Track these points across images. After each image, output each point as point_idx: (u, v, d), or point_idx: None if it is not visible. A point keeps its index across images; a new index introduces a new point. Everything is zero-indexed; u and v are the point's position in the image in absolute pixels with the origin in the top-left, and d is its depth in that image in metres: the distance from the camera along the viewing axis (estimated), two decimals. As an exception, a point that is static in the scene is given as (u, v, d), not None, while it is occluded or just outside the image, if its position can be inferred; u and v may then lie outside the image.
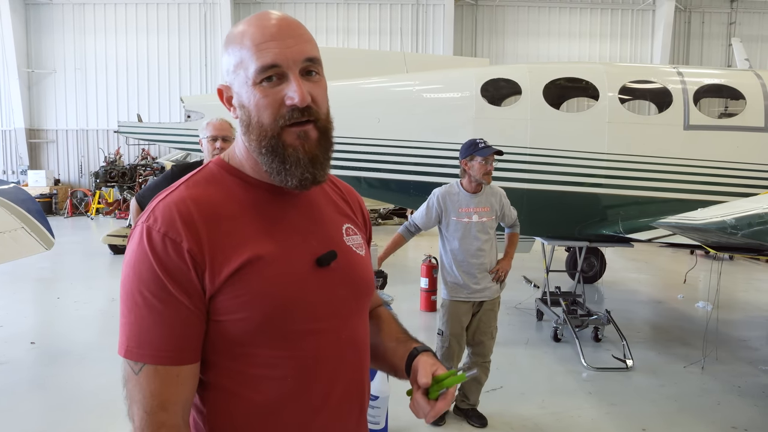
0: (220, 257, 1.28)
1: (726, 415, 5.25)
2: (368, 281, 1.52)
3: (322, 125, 1.36)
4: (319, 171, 1.36)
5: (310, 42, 1.36)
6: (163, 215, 1.28)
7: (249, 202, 1.37)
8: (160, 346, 1.25)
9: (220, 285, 1.27)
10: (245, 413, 1.35)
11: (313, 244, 1.40)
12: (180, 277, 1.25)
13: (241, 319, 1.29)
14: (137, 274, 1.25)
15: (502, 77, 7.57)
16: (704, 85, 7.54)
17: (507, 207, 5.03)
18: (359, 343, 1.49)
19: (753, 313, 8.96)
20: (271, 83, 1.30)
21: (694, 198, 7.05)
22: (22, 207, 5.05)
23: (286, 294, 1.33)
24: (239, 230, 1.32)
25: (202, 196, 1.33)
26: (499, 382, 5.73)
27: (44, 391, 5.63)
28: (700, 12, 23.47)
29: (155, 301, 1.24)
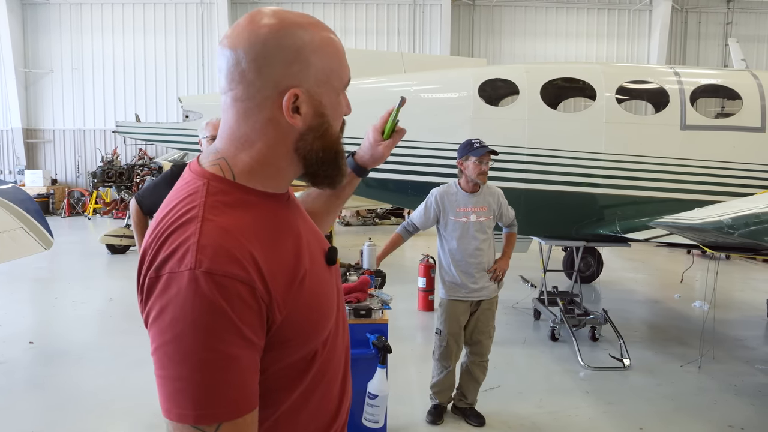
0: (280, 288, 1.20)
1: (723, 414, 5.27)
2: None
3: None
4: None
5: None
6: (219, 256, 1.12)
7: (271, 217, 1.28)
8: (238, 398, 1.12)
9: (284, 316, 1.21)
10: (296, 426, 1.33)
11: (317, 245, 1.41)
12: (252, 318, 1.13)
13: (298, 344, 1.26)
14: (203, 329, 1.08)
15: (500, 77, 7.59)
16: (701, 85, 7.56)
17: (505, 207, 5.04)
18: (346, 330, 1.51)
19: (749, 312, 8.98)
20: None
21: (691, 198, 7.08)
22: (21, 207, 5.06)
23: (323, 300, 1.34)
24: (281, 250, 1.25)
25: (239, 224, 1.19)
26: (496, 382, 5.75)
27: (42, 390, 5.63)
28: (696, 12, 23.53)
29: (230, 353, 1.10)
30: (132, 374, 5.99)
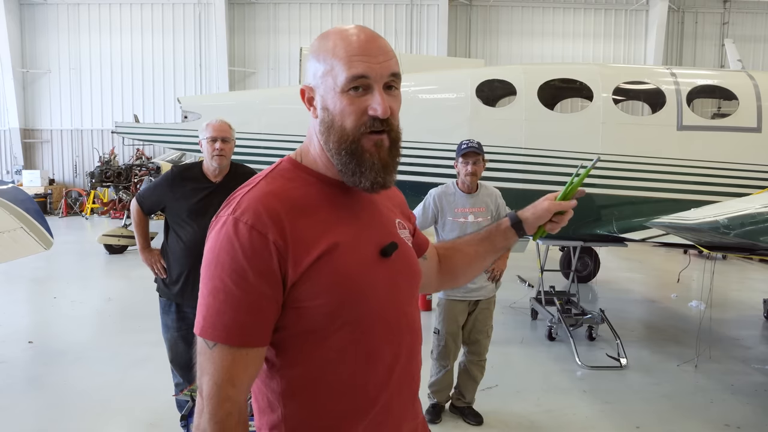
0: (301, 248, 1.38)
1: (719, 412, 5.29)
2: (418, 271, 1.66)
3: (394, 136, 1.48)
4: (389, 177, 1.49)
5: (394, 59, 1.47)
6: (251, 208, 1.38)
7: (322, 197, 1.49)
8: (233, 328, 1.35)
9: (301, 273, 1.37)
10: (317, 394, 1.45)
11: (376, 237, 1.53)
12: (262, 266, 1.34)
13: (319, 305, 1.40)
14: (221, 262, 1.36)
15: (497, 78, 7.62)
16: (697, 85, 7.60)
17: (503, 207, 5.07)
18: (414, 330, 1.61)
19: (746, 312, 9.02)
20: (358, 93, 1.41)
21: (688, 198, 7.11)
22: (21, 207, 5.06)
23: (357, 281, 1.44)
24: (317, 223, 1.43)
25: (283, 191, 1.44)
26: (494, 381, 5.76)
27: (41, 390, 5.64)
28: (693, 12, 23.57)
29: (235, 288, 1.34)
30: (130, 373, 6.01)
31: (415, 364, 1.62)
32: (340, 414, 1.46)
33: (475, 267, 1.95)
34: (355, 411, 1.47)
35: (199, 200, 3.96)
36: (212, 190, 4.00)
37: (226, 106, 8.91)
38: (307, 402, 1.46)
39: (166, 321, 4.18)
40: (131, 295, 9.51)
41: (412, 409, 1.64)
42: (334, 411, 1.46)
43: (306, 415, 1.46)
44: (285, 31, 23.30)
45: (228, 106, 8.73)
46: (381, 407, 1.50)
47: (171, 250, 4.07)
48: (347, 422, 1.47)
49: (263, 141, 7.50)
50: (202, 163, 4.09)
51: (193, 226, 3.95)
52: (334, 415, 1.46)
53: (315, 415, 1.46)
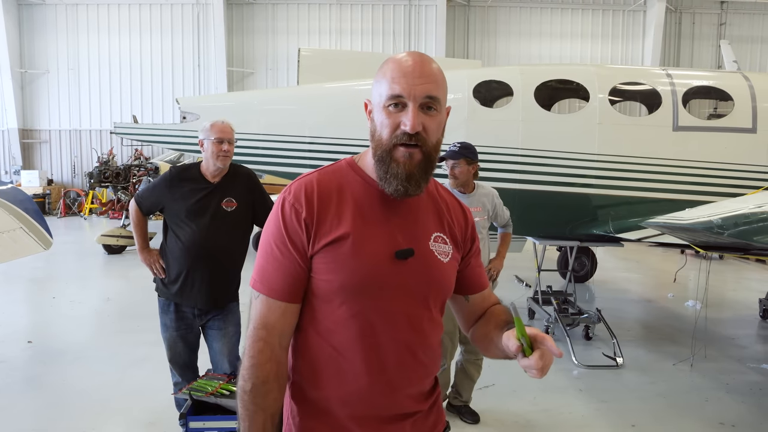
0: (324, 229, 1.66)
1: (714, 411, 5.33)
2: (441, 283, 1.80)
3: (427, 151, 1.66)
4: (413, 186, 1.66)
5: (436, 83, 1.65)
6: (295, 191, 1.70)
7: (359, 194, 1.73)
8: (273, 284, 1.68)
9: (318, 249, 1.65)
10: (318, 354, 1.71)
11: (398, 240, 1.71)
12: (295, 237, 1.66)
13: (326, 280, 1.66)
14: (271, 229, 1.70)
15: (494, 79, 7.64)
16: (693, 86, 7.63)
17: (500, 207, 5.10)
18: (418, 330, 1.75)
19: (742, 311, 9.06)
20: (396, 109, 1.63)
21: (683, 198, 7.15)
22: (20, 207, 5.08)
23: (362, 270, 1.65)
24: (343, 213, 1.68)
25: (325, 181, 1.72)
26: (491, 380, 5.80)
27: (40, 390, 5.66)
28: (690, 13, 23.63)
29: (277, 252, 1.68)
30: (129, 373, 6.04)
31: (416, 362, 1.75)
32: (329, 380, 1.70)
33: (485, 346, 1.94)
34: (343, 382, 1.69)
35: (197, 201, 3.98)
36: (210, 190, 4.02)
37: (225, 106, 8.93)
38: (307, 361, 1.73)
39: (164, 321, 4.20)
40: (130, 295, 9.53)
41: (411, 397, 1.77)
42: (324, 376, 1.70)
43: (305, 371, 1.73)
44: (283, 32, 23.31)
45: (226, 107, 8.76)
46: (369, 388, 1.69)
47: (170, 250, 4.10)
48: (334, 391, 1.70)
49: (261, 141, 7.52)
50: (200, 164, 4.11)
51: (192, 226, 3.97)
52: (324, 379, 1.70)
53: (310, 374, 1.72)
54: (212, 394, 3.76)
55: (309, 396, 1.73)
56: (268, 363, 1.66)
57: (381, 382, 1.69)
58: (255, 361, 1.66)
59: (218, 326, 4.17)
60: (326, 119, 7.45)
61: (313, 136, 7.38)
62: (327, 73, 8.22)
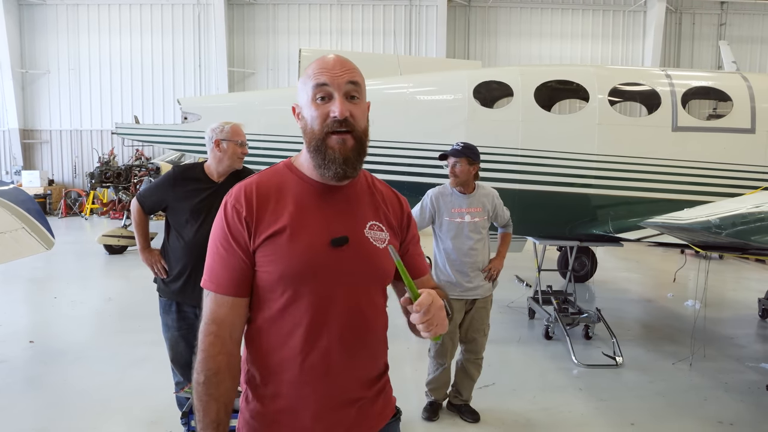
0: (263, 224, 1.79)
1: (712, 410, 5.35)
2: (378, 268, 1.89)
3: (358, 135, 1.80)
4: (350, 169, 1.80)
5: (355, 72, 1.83)
6: (236, 193, 1.84)
7: (296, 191, 1.85)
8: (219, 281, 1.81)
9: (259, 244, 1.78)
10: (267, 342, 1.83)
11: (334, 229, 1.82)
12: (237, 235, 1.79)
13: (267, 271, 1.79)
14: (216, 231, 1.84)
15: (494, 79, 7.67)
16: (692, 87, 7.65)
17: (500, 207, 5.12)
18: (359, 314, 1.86)
19: (741, 311, 9.07)
20: (323, 101, 1.78)
21: (682, 198, 7.17)
22: (22, 207, 5.10)
23: (299, 259, 1.77)
24: (281, 209, 1.81)
25: (264, 182, 1.86)
26: (491, 379, 5.83)
27: (41, 389, 5.69)
28: (690, 13, 23.64)
29: (222, 250, 1.81)
30: (130, 373, 6.06)
31: (358, 347, 1.86)
32: (276, 367, 1.82)
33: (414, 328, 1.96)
34: (288, 369, 1.81)
35: (201, 200, 4.00)
36: (214, 190, 4.04)
37: (226, 107, 8.96)
38: (257, 349, 1.85)
39: (166, 321, 4.22)
40: (131, 295, 9.55)
41: (355, 382, 1.88)
42: (272, 363, 1.82)
43: (256, 359, 1.85)
44: (284, 32, 23.33)
45: (228, 107, 8.78)
46: (312, 374, 1.80)
47: (172, 249, 4.11)
48: (281, 377, 1.81)
49: (262, 141, 7.54)
50: (204, 164, 4.13)
51: (195, 225, 3.99)
52: (272, 366, 1.82)
53: (261, 362, 1.84)
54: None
55: (260, 382, 1.84)
56: (219, 355, 1.78)
57: (323, 368, 1.80)
58: (206, 354, 1.78)
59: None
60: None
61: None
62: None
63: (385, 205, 2.00)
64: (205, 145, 4.21)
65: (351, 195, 1.91)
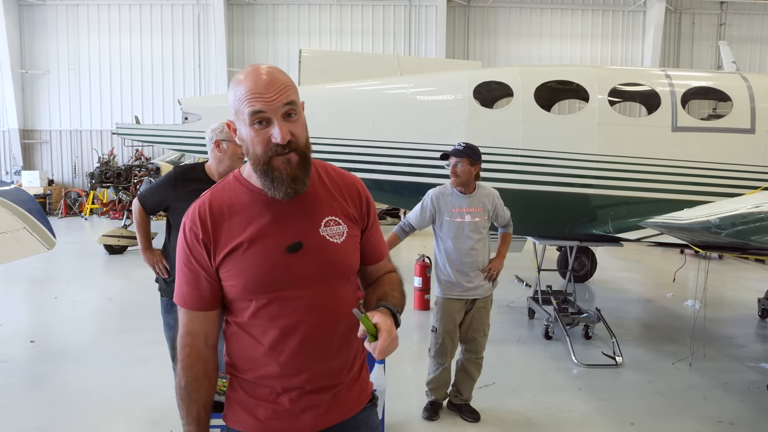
0: (221, 243, 1.85)
1: (712, 410, 5.36)
2: (337, 264, 1.95)
3: (301, 152, 1.82)
4: (299, 185, 1.83)
5: (288, 89, 1.79)
6: (191, 215, 1.89)
7: (247, 204, 1.89)
8: (187, 298, 1.91)
9: (220, 261, 1.85)
10: (241, 342, 1.93)
11: (288, 236, 1.87)
12: (198, 256, 1.87)
13: (231, 285, 1.87)
14: (179, 252, 1.91)
15: (494, 80, 7.68)
16: (692, 87, 7.66)
17: (500, 207, 5.12)
18: (325, 310, 1.92)
19: (740, 311, 9.08)
20: (261, 126, 1.77)
21: (682, 198, 7.18)
22: (23, 207, 5.11)
23: (258, 271, 1.84)
24: (235, 225, 1.86)
25: (216, 200, 1.91)
26: (491, 379, 5.84)
27: (41, 389, 5.69)
28: (690, 13, 23.65)
29: (186, 270, 1.89)
30: (131, 372, 6.07)
31: (326, 340, 1.92)
32: (253, 362, 1.91)
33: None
34: (264, 364, 1.89)
35: (202, 200, 4.01)
36: (215, 190, 4.05)
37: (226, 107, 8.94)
38: (235, 345, 1.95)
39: (168, 320, 4.22)
40: (131, 295, 9.56)
41: (329, 371, 1.95)
42: (248, 359, 1.92)
43: (234, 354, 1.96)
44: (284, 32, 23.34)
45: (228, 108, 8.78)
46: (285, 368, 1.88)
47: (173, 249, 4.11)
48: (258, 371, 1.91)
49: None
50: (205, 164, 4.14)
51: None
52: (249, 361, 1.92)
53: (238, 357, 1.94)
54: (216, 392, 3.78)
55: (240, 373, 1.96)
56: (196, 364, 1.92)
57: (297, 363, 1.89)
58: (184, 363, 1.92)
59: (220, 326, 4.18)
60: (327, 120, 7.47)
61: (314, 137, 7.30)
62: (328, 74, 8.25)
63: (342, 195, 2.01)
64: (205, 145, 4.22)
65: (303, 197, 1.90)
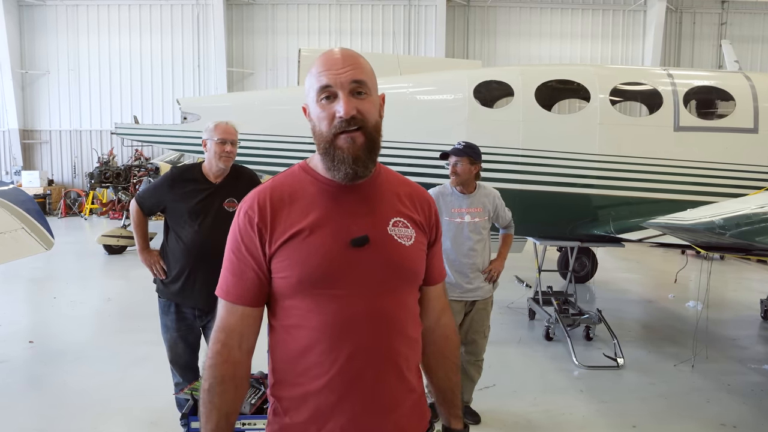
0: (278, 230, 1.72)
1: (715, 412, 5.33)
2: (404, 265, 1.80)
3: (368, 132, 1.72)
4: (361, 167, 1.72)
5: (359, 68, 1.72)
6: (249, 200, 1.77)
7: (312, 193, 1.77)
8: (230, 289, 1.76)
9: (275, 250, 1.72)
10: (290, 351, 1.75)
11: (353, 229, 1.74)
12: (248, 242, 1.74)
13: (284, 277, 1.72)
14: (229, 239, 1.79)
15: (495, 79, 7.64)
16: (694, 86, 7.62)
17: (501, 208, 5.08)
18: (386, 318, 1.76)
19: (743, 312, 9.06)
20: (328, 101, 1.69)
21: (684, 198, 7.14)
22: (22, 207, 5.08)
23: (317, 262, 1.69)
24: (296, 213, 1.74)
25: (278, 187, 1.79)
26: (491, 380, 5.80)
27: (41, 389, 5.67)
28: (691, 13, 23.62)
29: (234, 258, 1.76)
30: (130, 373, 6.04)
31: (389, 349, 1.75)
32: (301, 373, 1.73)
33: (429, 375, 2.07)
34: (314, 373, 1.71)
35: (199, 201, 3.99)
36: (212, 191, 4.02)
37: (225, 107, 8.93)
38: (281, 357, 1.78)
39: (165, 322, 4.20)
40: (130, 295, 9.53)
41: (387, 391, 1.76)
42: (297, 369, 1.73)
43: (279, 367, 1.78)
44: (283, 32, 23.31)
45: (227, 107, 8.76)
46: (339, 375, 1.70)
47: (171, 250, 4.09)
48: (307, 385, 1.72)
49: (262, 142, 7.52)
50: (202, 164, 4.11)
51: (194, 226, 3.97)
52: (297, 372, 1.74)
53: (284, 370, 1.77)
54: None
55: (286, 393, 1.77)
56: (224, 364, 1.75)
57: (351, 375, 1.70)
58: (212, 362, 1.75)
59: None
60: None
61: (314, 137, 7.37)
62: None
63: (412, 201, 1.90)
64: (203, 145, 4.19)
65: (371, 192, 1.81)
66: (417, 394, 1.85)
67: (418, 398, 1.86)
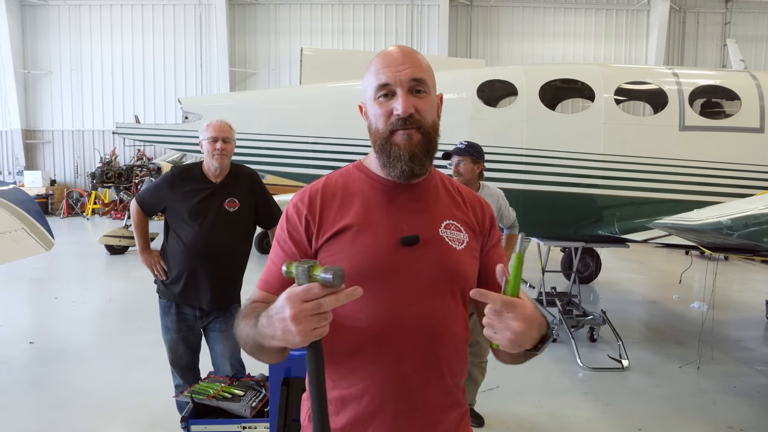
0: (327, 223, 1.69)
1: (721, 414, 5.28)
2: (454, 269, 1.71)
3: (426, 131, 1.68)
4: (417, 165, 1.68)
5: (419, 67, 1.69)
6: (301, 192, 1.76)
7: (364, 190, 1.74)
8: (270, 279, 1.72)
9: (322, 243, 1.68)
10: (333, 350, 1.63)
11: (404, 228, 1.69)
12: (294, 232, 1.71)
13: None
14: (277, 230, 1.78)
15: (498, 78, 7.60)
16: (699, 86, 7.57)
17: (505, 208, 5.05)
18: (436, 320, 1.67)
19: (748, 313, 9.00)
20: (387, 99, 1.67)
21: (690, 199, 7.09)
22: (22, 208, 5.05)
23: (365, 257, 1.64)
24: (346, 208, 1.71)
25: (331, 181, 1.77)
26: (495, 382, 5.75)
27: (42, 390, 5.64)
28: (694, 12, 23.57)
29: (278, 248, 1.74)
30: (131, 373, 6.01)
31: (435, 354, 1.67)
32: (343, 375, 1.67)
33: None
34: (357, 376, 1.65)
35: (199, 201, 3.96)
36: (213, 190, 4.00)
37: (227, 106, 8.89)
38: (331, 357, 1.61)
39: (166, 323, 4.17)
40: (132, 296, 9.50)
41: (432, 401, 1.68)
42: (339, 371, 1.67)
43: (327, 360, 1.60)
44: (286, 32, 23.31)
45: (229, 107, 8.72)
46: (383, 378, 1.64)
47: (171, 251, 4.06)
48: (351, 386, 1.66)
49: (264, 141, 7.48)
50: (202, 164, 4.08)
51: (194, 226, 3.94)
52: (339, 374, 1.67)
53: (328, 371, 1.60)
54: (214, 396, 3.71)
55: (329, 394, 1.64)
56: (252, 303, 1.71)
57: (397, 379, 1.64)
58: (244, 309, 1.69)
59: (220, 328, 4.12)
60: (329, 119, 7.40)
61: (316, 136, 7.34)
62: (330, 73, 8.17)
63: (465, 204, 1.84)
64: (205, 145, 4.17)
65: (424, 193, 1.77)
66: (462, 410, 1.77)
67: (462, 414, 1.78)
